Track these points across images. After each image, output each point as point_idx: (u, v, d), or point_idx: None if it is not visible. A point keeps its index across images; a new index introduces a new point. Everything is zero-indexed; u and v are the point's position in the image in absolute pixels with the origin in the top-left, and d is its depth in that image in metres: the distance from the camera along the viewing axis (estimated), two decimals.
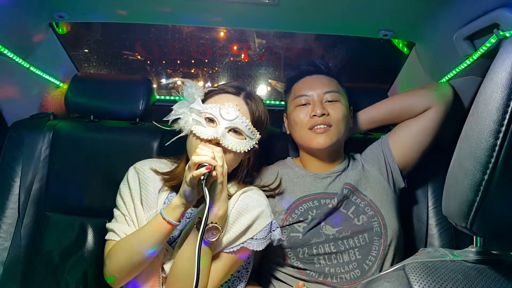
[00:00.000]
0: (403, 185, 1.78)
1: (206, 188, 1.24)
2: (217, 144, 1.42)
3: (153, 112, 2.13)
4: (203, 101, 1.53)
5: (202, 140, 1.43)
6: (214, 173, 1.28)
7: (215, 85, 1.63)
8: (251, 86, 1.69)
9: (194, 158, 1.27)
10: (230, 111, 1.47)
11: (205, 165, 1.25)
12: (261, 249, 1.47)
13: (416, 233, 1.95)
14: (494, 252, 0.83)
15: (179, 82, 2.87)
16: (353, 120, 1.85)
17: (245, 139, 1.50)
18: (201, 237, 1.17)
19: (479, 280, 0.76)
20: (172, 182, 1.54)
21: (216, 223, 1.32)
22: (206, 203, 1.21)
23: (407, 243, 1.77)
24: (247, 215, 1.45)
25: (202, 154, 1.28)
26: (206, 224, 1.20)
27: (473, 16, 1.49)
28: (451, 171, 0.80)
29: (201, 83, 2.91)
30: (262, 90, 2.92)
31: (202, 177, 1.24)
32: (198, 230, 1.19)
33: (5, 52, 1.78)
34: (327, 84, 1.75)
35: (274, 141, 2.04)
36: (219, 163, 1.30)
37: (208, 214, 1.21)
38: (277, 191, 1.70)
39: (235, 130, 1.48)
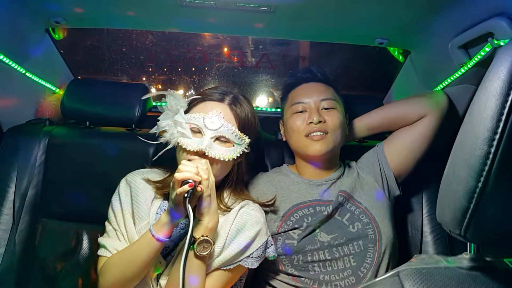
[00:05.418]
0: (398, 192, 1.79)
1: (189, 206, 1.22)
2: (204, 155, 1.40)
3: (149, 118, 2.13)
4: (188, 109, 1.50)
5: (188, 152, 1.41)
6: (198, 188, 1.26)
7: (201, 90, 1.60)
8: (239, 90, 1.64)
9: (177, 176, 1.25)
10: (214, 120, 1.44)
11: (189, 182, 1.24)
12: (255, 266, 1.46)
13: (411, 240, 1.96)
14: (488, 258, 0.83)
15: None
16: (349, 127, 1.85)
17: (233, 146, 1.47)
18: (186, 255, 1.17)
19: (473, 287, 0.76)
20: (165, 190, 1.52)
21: (207, 236, 1.30)
22: (190, 221, 1.20)
23: (402, 250, 1.77)
24: (246, 233, 1.43)
25: (185, 170, 1.26)
26: (191, 243, 1.20)
27: (468, 25, 1.50)
28: (445, 178, 0.80)
29: (192, 92, 2.90)
30: (258, 97, 2.93)
31: (185, 195, 1.23)
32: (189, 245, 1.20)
33: (1, 57, 1.78)
34: (323, 91, 1.76)
35: (269, 148, 2.04)
36: (204, 177, 1.28)
37: (193, 232, 1.21)
38: (272, 208, 1.69)
39: (221, 139, 1.45)
